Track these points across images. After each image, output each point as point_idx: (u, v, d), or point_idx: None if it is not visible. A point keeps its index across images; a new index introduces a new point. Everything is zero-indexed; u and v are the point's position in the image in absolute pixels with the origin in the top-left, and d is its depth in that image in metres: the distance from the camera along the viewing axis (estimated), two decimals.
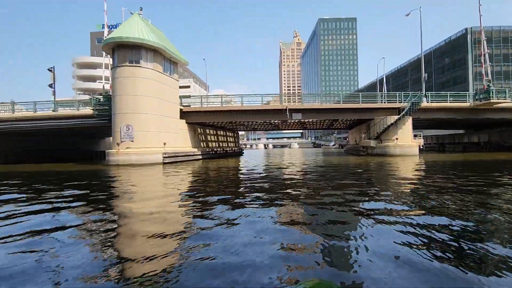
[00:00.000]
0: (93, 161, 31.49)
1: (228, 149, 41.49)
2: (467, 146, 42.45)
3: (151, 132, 23.25)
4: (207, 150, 33.20)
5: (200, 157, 30.46)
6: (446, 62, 61.41)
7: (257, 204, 6.58)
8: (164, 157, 23.17)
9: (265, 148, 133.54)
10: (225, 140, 42.57)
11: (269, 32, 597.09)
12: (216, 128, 38.57)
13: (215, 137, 38.32)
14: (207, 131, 35.68)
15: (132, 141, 22.33)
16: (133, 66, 22.60)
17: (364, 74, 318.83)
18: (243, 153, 50.15)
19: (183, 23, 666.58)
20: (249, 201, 6.87)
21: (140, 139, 22.56)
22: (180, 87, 58.52)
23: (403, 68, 78.41)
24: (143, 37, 22.29)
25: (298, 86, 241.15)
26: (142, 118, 22.69)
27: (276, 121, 35.32)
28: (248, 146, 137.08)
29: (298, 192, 8.16)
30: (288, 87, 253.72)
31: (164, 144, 24.17)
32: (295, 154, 42.04)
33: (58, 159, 33.62)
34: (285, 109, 28.89)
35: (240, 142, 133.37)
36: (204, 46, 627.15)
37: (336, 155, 35.35)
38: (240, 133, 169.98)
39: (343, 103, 30.27)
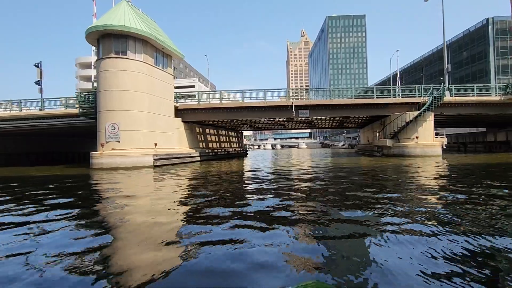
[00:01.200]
0: (82, 163, 29.38)
1: (230, 150, 38.94)
2: (491, 145, 38.71)
3: (140, 131, 20.86)
4: (207, 151, 30.70)
5: (198, 158, 27.98)
6: (464, 56, 57.43)
7: (251, 229, 3.94)
8: (155, 159, 20.75)
9: (273, 148, 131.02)
10: (227, 140, 40.03)
11: (276, 32, 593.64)
12: (217, 127, 36.08)
13: (216, 137, 35.82)
14: (207, 130, 33.20)
15: (118, 142, 19.97)
16: (119, 57, 20.26)
17: (374, 72, 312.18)
18: (247, 154, 47.55)
19: (188, 23, 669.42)
20: (242, 223, 4.24)
21: (127, 139, 20.19)
22: (185, 86, 56.70)
23: (416, 64, 74.47)
24: (130, 25, 19.93)
25: (306, 86, 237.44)
26: (129, 116, 20.31)
27: (281, 119, 32.57)
28: (256, 146, 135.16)
29: (298, 218, 5.45)
30: (296, 86, 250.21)
31: (155, 144, 21.74)
32: (302, 155, 39.16)
33: (46, 161, 31.72)
34: (291, 106, 26.13)
35: (248, 143, 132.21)
36: (208, 47, 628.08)
37: (346, 156, 32.34)
38: (247, 133, 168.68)
39: (355, 98, 27.31)
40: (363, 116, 31.30)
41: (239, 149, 43.46)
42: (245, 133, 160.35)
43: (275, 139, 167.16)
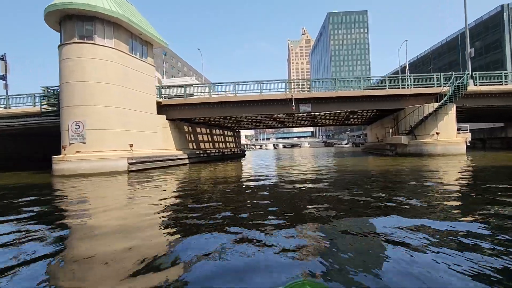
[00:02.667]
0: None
1: (226, 150, 35.62)
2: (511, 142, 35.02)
3: (112, 130, 17.61)
4: (197, 152, 27.41)
5: (187, 161, 24.70)
6: (477, 46, 53.52)
7: None
8: (130, 164, 17.49)
9: (275, 148, 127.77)
10: (222, 140, 36.72)
11: (277, 33, 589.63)
12: (210, 126, 32.79)
13: (209, 136, 32.52)
14: (198, 129, 29.92)
15: (84, 143, 16.73)
16: (84, 43, 17.02)
17: (377, 70, 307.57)
18: (245, 154, 44.20)
19: (188, 24, 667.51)
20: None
21: (95, 140, 16.95)
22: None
23: (424, 57, 70.64)
24: (96, 4, 16.68)
25: (308, 84, 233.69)
26: (97, 112, 17.07)
27: (280, 116, 29.21)
28: (258, 146, 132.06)
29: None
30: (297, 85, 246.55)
31: (131, 146, 18.49)
32: (304, 156, 35.75)
33: (8, 167, 28.50)
34: (290, 99, 22.76)
35: (249, 143, 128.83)
36: (209, 47, 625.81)
37: (351, 156, 28.90)
38: (248, 133, 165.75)
39: (364, 89, 23.87)
40: (372, 111, 27.86)
41: (236, 149, 40.13)
42: (246, 132, 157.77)
43: (276, 138, 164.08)
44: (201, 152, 28.23)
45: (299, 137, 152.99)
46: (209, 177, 13.27)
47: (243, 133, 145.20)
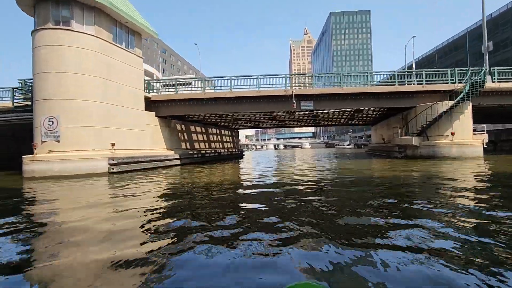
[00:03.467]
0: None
1: (222, 150, 33.73)
2: None
3: (91, 127, 15.76)
4: (190, 152, 25.54)
5: (179, 161, 22.84)
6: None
7: None
8: (111, 165, 15.64)
9: (275, 148, 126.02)
10: (219, 139, 34.83)
11: (279, 31, 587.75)
12: (205, 124, 30.93)
13: (204, 135, 30.65)
14: (192, 128, 28.07)
15: (58, 141, 14.88)
16: (59, 29, 15.17)
17: (380, 69, 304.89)
18: (244, 155, 42.29)
19: (188, 24, 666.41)
20: None
21: (71, 138, 15.10)
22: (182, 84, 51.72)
23: (429, 56, 68.59)
24: None
25: (309, 80, 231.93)
26: (74, 107, 15.22)
27: (280, 114, 27.32)
28: (258, 146, 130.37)
29: None
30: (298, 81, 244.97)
31: (113, 145, 16.63)
32: (305, 157, 33.87)
33: None
34: (291, 96, 20.87)
35: (249, 143, 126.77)
36: (209, 47, 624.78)
37: (355, 158, 26.99)
38: (249, 133, 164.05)
39: (372, 85, 21.93)
40: (379, 109, 25.95)
41: (234, 150, 38.23)
42: (246, 132, 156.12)
43: (277, 139, 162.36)
44: (195, 152, 26.35)
45: (300, 138, 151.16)
46: (198, 181, 11.39)
47: (244, 133, 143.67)
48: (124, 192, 9.10)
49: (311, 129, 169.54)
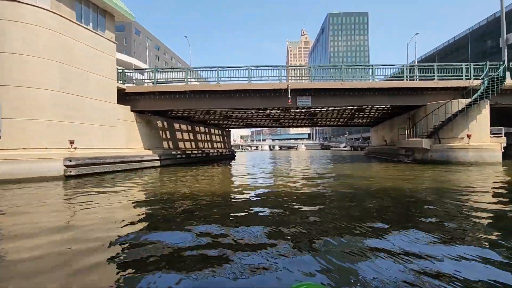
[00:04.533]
0: None
1: (211, 151, 31.05)
2: None
3: (43, 121, 13.02)
4: (173, 152, 22.85)
5: (158, 163, 20.17)
6: (489, 45, 49.81)
7: None
8: (68, 166, 12.92)
9: (270, 149, 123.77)
10: (207, 139, 32.13)
11: (277, 31, 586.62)
12: (192, 122, 28.25)
13: (190, 134, 27.95)
14: (176, 125, 25.35)
15: None
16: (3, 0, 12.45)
17: (377, 71, 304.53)
18: (235, 156, 39.61)
19: (188, 23, 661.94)
20: None
21: (16, 133, 12.36)
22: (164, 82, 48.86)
23: (428, 57, 66.82)
24: None
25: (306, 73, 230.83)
26: (20, 95, 12.48)
27: (274, 111, 24.78)
28: (254, 147, 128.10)
29: None
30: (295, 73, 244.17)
31: (71, 143, 13.88)
32: (300, 159, 31.42)
33: None
34: (286, 90, 18.34)
35: (244, 143, 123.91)
36: (209, 46, 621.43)
37: (353, 162, 24.60)
38: (245, 133, 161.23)
39: (379, 80, 19.48)
40: (383, 108, 23.58)
41: (224, 150, 35.55)
42: (241, 133, 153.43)
43: (273, 139, 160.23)
44: (178, 152, 23.65)
45: (295, 139, 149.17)
46: (176, 189, 8.75)
47: (239, 133, 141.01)
48: (64, 207, 6.48)
49: (307, 131, 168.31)
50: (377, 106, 22.51)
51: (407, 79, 18.80)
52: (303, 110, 24.15)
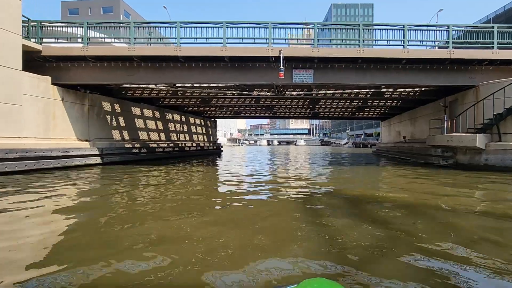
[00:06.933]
0: None
1: (188, 145, 25.23)
2: None
3: None
4: (127, 146, 17.09)
5: (99, 159, 14.46)
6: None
7: None
8: None
9: (269, 144, 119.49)
10: (183, 129, 26.22)
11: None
12: (161, 107, 22.35)
13: (158, 122, 22.04)
14: (136, 110, 19.48)
15: None
16: None
17: None
18: (222, 151, 33.74)
19: (187, 19, 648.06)
20: None
21: None
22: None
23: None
24: None
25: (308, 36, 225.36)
26: None
27: (264, 94, 18.89)
28: (252, 142, 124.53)
29: None
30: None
31: None
32: (301, 157, 25.83)
33: None
34: (277, 58, 12.48)
35: (242, 137, 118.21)
36: None
37: (359, 164, 18.94)
38: (243, 127, 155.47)
39: (411, 48, 13.58)
40: (408, 92, 17.73)
41: (208, 145, 29.74)
42: (240, 127, 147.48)
43: (271, 134, 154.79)
44: (136, 145, 17.88)
45: (295, 134, 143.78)
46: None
47: (237, 126, 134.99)
48: None
49: (307, 126, 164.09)
50: (402, 89, 16.71)
51: (455, 47, 12.98)
52: (301, 93, 18.33)
